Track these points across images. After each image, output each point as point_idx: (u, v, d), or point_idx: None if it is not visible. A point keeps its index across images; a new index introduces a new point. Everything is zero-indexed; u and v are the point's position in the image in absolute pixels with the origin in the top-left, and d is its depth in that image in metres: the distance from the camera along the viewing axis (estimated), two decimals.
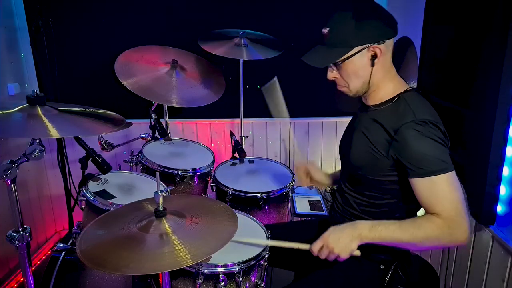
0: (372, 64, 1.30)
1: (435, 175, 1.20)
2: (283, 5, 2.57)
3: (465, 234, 1.19)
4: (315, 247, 1.32)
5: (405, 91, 1.35)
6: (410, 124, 1.23)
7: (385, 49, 1.30)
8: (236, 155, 2.22)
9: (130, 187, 1.87)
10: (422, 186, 1.23)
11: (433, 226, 1.21)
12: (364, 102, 1.45)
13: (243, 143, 2.47)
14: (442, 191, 1.21)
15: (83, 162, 1.70)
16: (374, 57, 1.29)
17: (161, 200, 1.18)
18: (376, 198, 1.39)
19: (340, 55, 1.30)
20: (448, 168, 1.22)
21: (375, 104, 1.38)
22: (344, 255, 1.27)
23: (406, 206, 1.36)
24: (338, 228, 1.30)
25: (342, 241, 1.27)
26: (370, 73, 1.32)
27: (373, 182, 1.37)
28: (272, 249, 1.49)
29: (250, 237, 1.53)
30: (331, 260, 1.30)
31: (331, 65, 1.35)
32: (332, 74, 1.37)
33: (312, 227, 1.67)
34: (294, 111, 2.76)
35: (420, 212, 1.38)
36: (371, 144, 1.34)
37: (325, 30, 1.32)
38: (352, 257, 1.38)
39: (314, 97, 2.72)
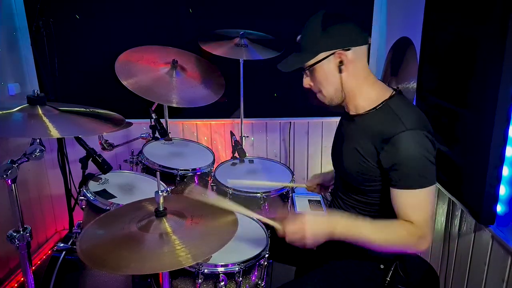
0: (340, 71, 1.31)
1: (416, 189, 1.24)
2: (283, 5, 2.58)
3: (427, 244, 1.26)
4: (289, 229, 1.29)
5: (389, 97, 1.34)
6: (400, 135, 1.23)
7: (353, 56, 1.30)
8: (236, 155, 2.23)
9: (130, 187, 1.87)
10: (402, 196, 1.26)
11: (405, 233, 1.25)
12: (347, 111, 1.44)
13: (243, 143, 2.47)
14: (419, 203, 1.25)
15: (83, 162, 1.70)
16: (341, 63, 1.30)
17: (161, 200, 1.18)
18: (372, 204, 1.40)
19: (306, 60, 1.32)
20: (430, 183, 1.25)
21: (359, 114, 1.38)
22: (311, 246, 1.28)
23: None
24: (314, 219, 1.29)
25: (317, 235, 1.27)
26: (339, 80, 1.33)
27: (368, 190, 1.37)
28: (274, 244, 1.49)
29: (250, 239, 1.53)
30: (296, 244, 1.28)
31: (305, 71, 1.37)
32: (306, 80, 1.40)
33: None
34: (294, 111, 2.80)
35: None
36: (361, 156, 1.33)
37: (298, 37, 1.36)
38: (352, 257, 1.38)
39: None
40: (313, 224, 1.27)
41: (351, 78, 1.33)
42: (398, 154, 1.23)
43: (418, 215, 1.24)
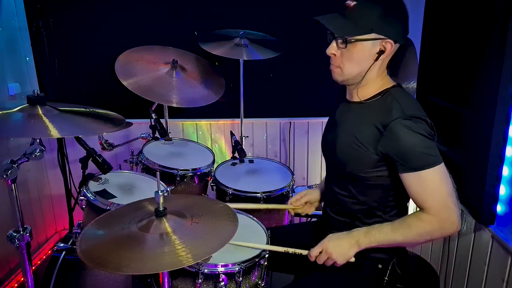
0: (376, 59, 1.29)
1: (424, 170, 1.22)
2: (283, 6, 2.57)
3: (455, 225, 1.23)
4: (314, 252, 1.36)
5: (392, 87, 1.36)
6: (400, 120, 1.24)
7: (391, 50, 1.29)
8: (236, 155, 2.23)
9: (130, 187, 1.87)
10: (412, 181, 1.25)
11: (423, 224, 1.25)
12: (348, 97, 1.44)
13: (243, 143, 2.47)
14: (431, 185, 1.23)
15: (83, 162, 1.71)
16: (381, 52, 1.28)
17: (161, 200, 1.18)
18: (365, 194, 1.38)
19: (357, 32, 1.26)
20: (437, 161, 1.23)
21: (362, 100, 1.37)
22: (341, 262, 1.33)
23: (395, 201, 1.36)
24: (336, 236, 1.36)
25: (341, 248, 1.32)
26: (369, 66, 1.30)
27: (360, 178, 1.36)
28: (271, 253, 1.49)
29: (250, 239, 1.52)
30: (328, 265, 1.35)
31: (341, 40, 1.29)
32: (333, 49, 1.31)
33: (309, 230, 1.68)
34: (294, 111, 2.80)
35: (410, 203, 1.38)
36: (357, 140, 1.33)
37: (352, 3, 1.27)
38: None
39: (314, 97, 2.72)
40: (334, 242, 1.33)
41: (377, 68, 1.32)
42: (399, 138, 1.23)
43: (432, 198, 1.23)
